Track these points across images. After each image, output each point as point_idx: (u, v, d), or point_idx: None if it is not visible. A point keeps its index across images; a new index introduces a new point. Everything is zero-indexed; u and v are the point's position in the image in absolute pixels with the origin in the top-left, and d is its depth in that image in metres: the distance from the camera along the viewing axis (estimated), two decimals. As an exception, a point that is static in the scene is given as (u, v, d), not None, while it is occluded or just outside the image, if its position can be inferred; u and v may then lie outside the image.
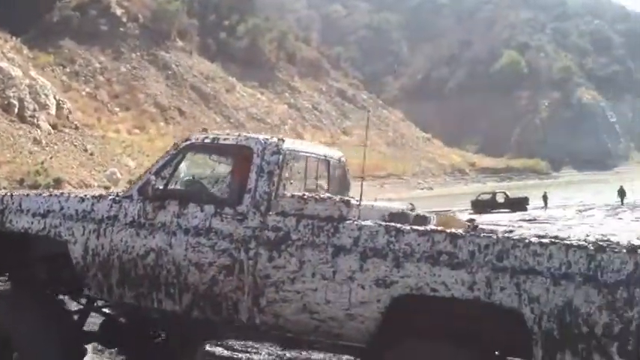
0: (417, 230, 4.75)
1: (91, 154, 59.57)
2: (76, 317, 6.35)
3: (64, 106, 62.10)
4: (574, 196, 65.58)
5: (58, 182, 43.62)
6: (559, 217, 39.08)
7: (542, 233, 5.00)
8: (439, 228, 4.95)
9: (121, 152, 62.99)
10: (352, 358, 5.52)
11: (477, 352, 4.65)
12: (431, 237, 4.64)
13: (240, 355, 7.95)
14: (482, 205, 47.60)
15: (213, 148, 5.92)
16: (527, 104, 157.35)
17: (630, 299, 4.18)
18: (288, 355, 7.93)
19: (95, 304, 6.28)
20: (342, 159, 6.85)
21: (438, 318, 4.77)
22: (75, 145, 58.73)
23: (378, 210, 5.87)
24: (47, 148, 54.01)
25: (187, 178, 5.95)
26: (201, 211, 5.33)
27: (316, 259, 4.88)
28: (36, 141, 53.34)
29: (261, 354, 8.03)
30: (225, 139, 5.77)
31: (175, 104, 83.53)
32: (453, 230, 4.77)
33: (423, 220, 5.67)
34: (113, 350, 7.25)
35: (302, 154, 6.11)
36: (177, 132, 77.43)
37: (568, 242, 4.47)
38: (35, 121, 55.54)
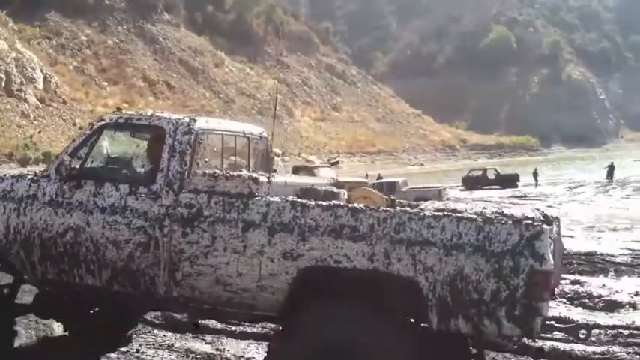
0: (321, 205, 4.96)
1: (80, 129, 58.98)
2: (6, 290, 6.48)
3: (52, 79, 61.48)
4: (564, 173, 65.84)
5: (47, 156, 43.22)
6: (549, 194, 39.17)
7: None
8: (341, 203, 5.18)
9: (109, 127, 62.50)
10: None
11: (379, 314, 4.84)
12: (334, 212, 4.87)
13: (233, 328, 7.88)
14: (472, 182, 47.62)
15: (127, 128, 6.09)
16: (517, 80, 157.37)
17: (516, 267, 4.45)
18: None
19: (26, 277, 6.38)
20: (264, 135, 6.94)
21: (343, 288, 4.96)
22: (64, 120, 58.23)
23: (291, 186, 5.95)
24: (35, 122, 53.51)
25: (105, 157, 6.05)
26: (117, 190, 5.51)
27: (227, 234, 5.10)
28: (24, 115, 52.86)
29: (255, 325, 7.95)
30: (138, 120, 5.98)
31: (164, 78, 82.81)
32: (354, 205, 5.03)
33: (332, 195, 5.78)
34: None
35: (217, 132, 6.20)
36: (166, 107, 76.85)
37: (459, 215, 4.76)
38: (23, 94, 54.94)
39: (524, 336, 4.75)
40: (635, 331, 7.99)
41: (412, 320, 5.07)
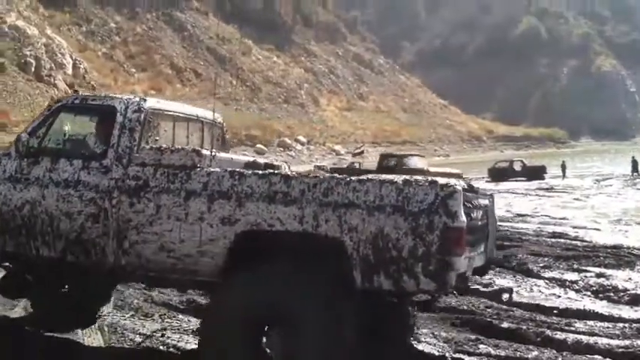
0: (257, 174, 5.26)
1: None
2: None
3: (81, 65, 62.06)
4: (592, 165, 65.16)
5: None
6: (577, 186, 38.80)
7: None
8: (276, 171, 5.53)
9: (137, 114, 63.03)
10: None
11: (315, 278, 5.06)
12: (268, 179, 5.15)
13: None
14: (499, 174, 47.22)
15: (82, 109, 6.38)
16: (546, 72, 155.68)
17: (431, 225, 4.71)
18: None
19: None
20: (219, 120, 7.30)
21: (276, 250, 5.23)
22: (91, 106, 58.79)
23: (237, 161, 6.25)
24: (64, 108, 54.11)
25: (62, 136, 6.33)
26: (71, 165, 5.81)
27: (171, 202, 5.38)
28: (53, 100, 53.42)
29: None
30: (92, 100, 6.36)
31: (191, 66, 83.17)
32: (287, 172, 5.41)
33: (272, 168, 6.06)
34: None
35: (167, 113, 6.49)
36: (193, 94, 77.16)
37: (382, 178, 5.05)
38: (52, 80, 55.54)
39: (439, 291, 4.96)
40: (660, 326, 7.91)
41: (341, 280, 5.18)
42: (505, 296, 6.08)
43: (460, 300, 9.02)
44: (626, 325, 7.98)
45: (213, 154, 5.68)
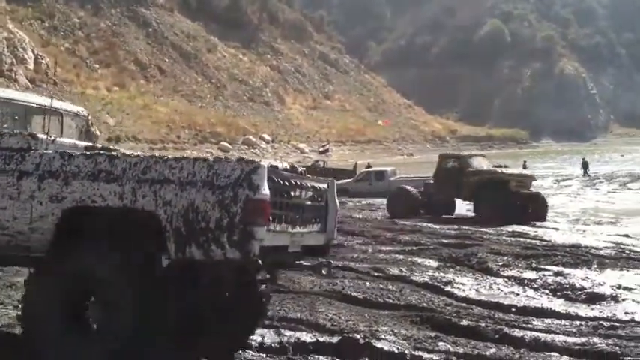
0: (84, 154, 5.59)
1: (70, 111, 58.75)
2: None
3: (43, 60, 61.02)
4: (552, 165, 66.07)
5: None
6: (536, 186, 39.28)
7: None
8: (108, 153, 5.74)
9: (100, 109, 62.11)
10: None
11: (130, 250, 5.34)
12: (94, 159, 5.45)
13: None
14: (462, 173, 47.63)
15: None
16: (510, 73, 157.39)
17: (235, 197, 5.05)
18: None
19: None
20: (83, 113, 7.66)
21: (100, 225, 5.49)
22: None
23: (79, 146, 6.47)
24: (24, 103, 53.19)
25: None
26: None
27: (5, 182, 5.63)
28: (13, 95, 52.50)
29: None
30: None
31: (156, 62, 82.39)
32: (113, 153, 5.69)
33: (108, 151, 6.26)
34: None
35: (15, 102, 6.87)
36: (158, 90, 76.56)
37: (194, 157, 5.53)
38: (13, 75, 54.56)
39: (244, 259, 5.16)
40: (615, 323, 8.03)
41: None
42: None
43: (420, 298, 9.10)
44: (583, 322, 8.11)
45: (52, 138, 6.01)
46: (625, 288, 10.05)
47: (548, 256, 12.50)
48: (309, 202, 5.98)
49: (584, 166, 50.03)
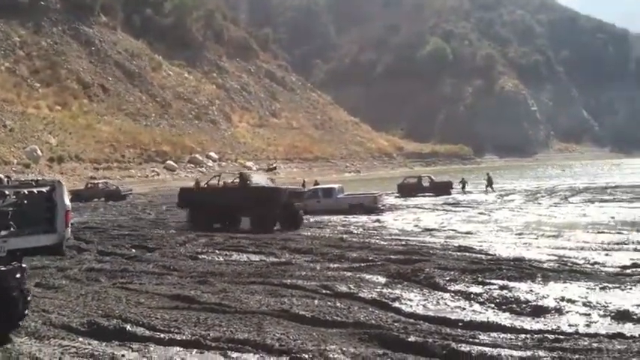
0: None
1: (11, 130, 57.39)
2: None
3: (-19, 80, 59.55)
4: (495, 181, 67.23)
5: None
6: (481, 201, 39.84)
7: None
8: None
9: (42, 129, 60.85)
10: None
11: None
12: None
13: (162, 335, 7.75)
14: (408, 189, 48.00)
15: None
16: (452, 91, 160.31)
17: None
18: (211, 334, 7.77)
19: None
20: None
21: None
22: (-7, 121, 56.59)
23: None
24: (-38, 123, 51.76)
25: None
26: None
27: None
28: None
29: (183, 334, 7.84)
30: None
31: (99, 81, 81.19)
32: None
33: None
34: None
35: None
36: (101, 109, 75.41)
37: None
38: (-51, 94, 53.06)
39: None
40: (560, 336, 8.14)
41: None
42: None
43: (368, 315, 9.08)
44: (528, 336, 8.19)
45: None
46: (568, 300, 10.19)
47: (493, 271, 12.61)
48: (12, 209, 6.38)
49: (489, 180, 51.07)
